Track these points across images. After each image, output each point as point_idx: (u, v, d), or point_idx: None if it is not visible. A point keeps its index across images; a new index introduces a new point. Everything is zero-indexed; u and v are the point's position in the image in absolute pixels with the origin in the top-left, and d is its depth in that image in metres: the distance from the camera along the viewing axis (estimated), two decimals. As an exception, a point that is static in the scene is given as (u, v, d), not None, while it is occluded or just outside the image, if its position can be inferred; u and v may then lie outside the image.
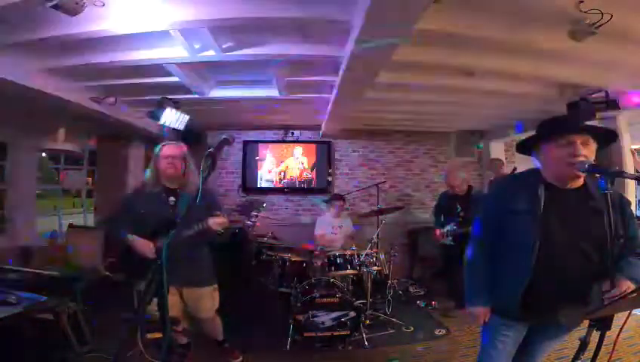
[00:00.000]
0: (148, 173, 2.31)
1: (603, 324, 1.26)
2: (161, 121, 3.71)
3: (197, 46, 2.65)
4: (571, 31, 2.14)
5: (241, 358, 2.70)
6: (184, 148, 2.33)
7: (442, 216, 3.93)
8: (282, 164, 5.63)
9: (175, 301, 2.22)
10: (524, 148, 1.57)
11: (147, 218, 2.16)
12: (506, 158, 5.52)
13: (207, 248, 2.43)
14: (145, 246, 2.13)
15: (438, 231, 3.89)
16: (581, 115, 3.32)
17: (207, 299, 2.40)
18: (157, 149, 2.31)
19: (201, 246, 2.35)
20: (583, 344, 1.33)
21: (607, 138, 1.45)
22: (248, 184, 5.55)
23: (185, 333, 2.49)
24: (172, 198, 2.24)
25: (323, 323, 2.97)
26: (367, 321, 3.42)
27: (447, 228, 3.79)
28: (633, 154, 3.93)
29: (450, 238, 3.75)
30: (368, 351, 2.99)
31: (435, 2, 1.84)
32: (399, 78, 3.22)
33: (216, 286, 2.46)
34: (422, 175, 5.91)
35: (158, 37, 2.51)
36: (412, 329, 3.41)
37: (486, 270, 1.56)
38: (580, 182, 1.43)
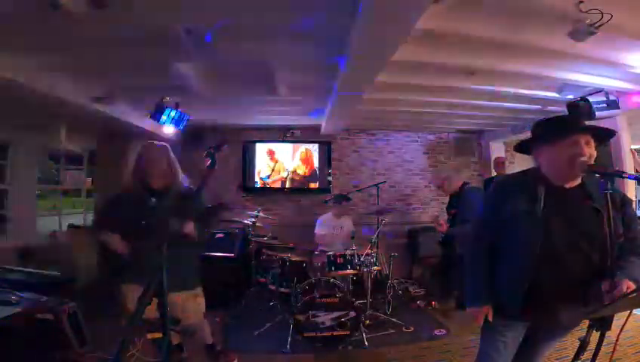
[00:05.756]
0: (129, 175, 2.20)
1: (603, 324, 1.25)
2: (161, 121, 3.72)
3: (197, 47, 2.64)
4: (571, 31, 2.14)
5: (235, 361, 2.64)
6: (166, 147, 2.22)
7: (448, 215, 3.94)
8: (282, 163, 5.64)
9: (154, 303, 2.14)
10: (524, 148, 1.58)
11: (126, 219, 2.07)
12: (506, 158, 5.53)
13: (191, 250, 2.27)
14: (117, 242, 2.04)
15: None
16: (581, 115, 3.32)
17: (189, 304, 2.24)
18: (138, 150, 2.20)
19: (183, 248, 2.15)
20: (583, 344, 1.33)
21: (605, 135, 1.46)
22: (248, 184, 5.55)
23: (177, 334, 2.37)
24: (153, 199, 2.13)
25: (323, 323, 2.97)
26: (367, 321, 3.42)
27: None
28: (633, 154, 3.93)
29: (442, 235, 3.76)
30: (368, 351, 3.00)
31: (434, 2, 1.84)
32: (399, 78, 3.22)
33: (199, 290, 2.31)
34: (422, 175, 5.92)
35: (159, 37, 2.50)
36: (412, 329, 3.41)
37: (486, 269, 1.56)
38: (578, 181, 1.44)
